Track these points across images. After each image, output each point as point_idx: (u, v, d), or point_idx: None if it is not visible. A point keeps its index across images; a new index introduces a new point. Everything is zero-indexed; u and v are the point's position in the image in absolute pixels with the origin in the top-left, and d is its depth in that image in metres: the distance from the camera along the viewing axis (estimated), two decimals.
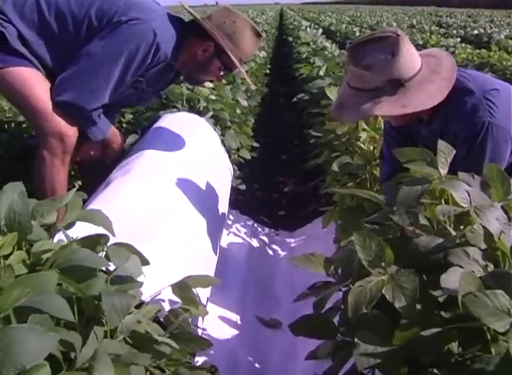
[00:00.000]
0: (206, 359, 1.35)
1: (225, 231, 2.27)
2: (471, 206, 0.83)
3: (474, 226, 0.79)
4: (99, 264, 0.76)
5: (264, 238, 2.52)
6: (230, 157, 2.27)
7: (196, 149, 1.84)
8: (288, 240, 2.52)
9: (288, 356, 1.57)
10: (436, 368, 0.69)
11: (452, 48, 6.94)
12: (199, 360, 1.27)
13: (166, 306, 1.02)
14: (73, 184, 1.95)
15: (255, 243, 2.43)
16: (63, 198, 0.89)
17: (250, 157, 2.52)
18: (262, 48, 5.89)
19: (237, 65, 1.72)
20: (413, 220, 0.84)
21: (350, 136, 2.11)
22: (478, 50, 6.60)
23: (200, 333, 1.21)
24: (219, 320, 1.69)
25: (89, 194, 1.46)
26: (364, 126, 2.06)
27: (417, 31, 11.84)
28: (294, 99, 3.59)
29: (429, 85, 1.27)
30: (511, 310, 0.65)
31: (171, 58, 1.69)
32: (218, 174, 1.91)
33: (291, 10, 30.62)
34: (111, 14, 1.58)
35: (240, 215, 2.67)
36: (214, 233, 1.56)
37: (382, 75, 1.25)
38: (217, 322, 1.67)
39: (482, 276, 0.73)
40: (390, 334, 0.73)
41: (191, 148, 1.80)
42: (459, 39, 9.08)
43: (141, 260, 0.85)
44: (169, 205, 1.41)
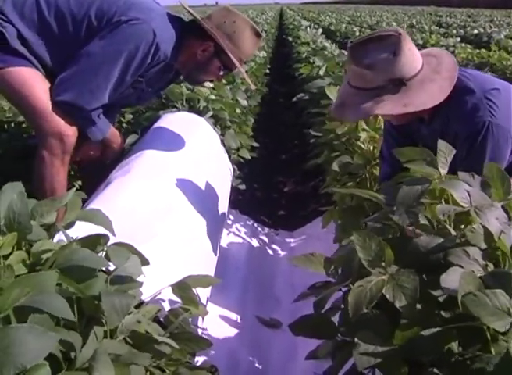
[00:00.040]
0: (206, 359, 1.35)
1: (225, 231, 2.27)
2: (471, 206, 0.83)
3: (474, 225, 0.79)
4: (99, 264, 0.76)
5: (264, 238, 2.52)
6: (230, 157, 2.27)
7: (196, 149, 1.84)
8: (288, 239, 2.52)
9: (288, 356, 1.57)
10: (436, 368, 0.69)
11: (452, 48, 6.94)
12: (199, 360, 1.27)
13: (166, 306, 1.02)
14: (73, 184, 1.95)
15: (255, 243, 2.43)
16: (63, 198, 0.89)
17: (249, 157, 2.52)
18: (262, 48, 5.89)
19: (237, 65, 1.72)
20: (413, 220, 0.84)
21: (350, 136, 2.11)
22: (478, 50, 6.60)
23: (200, 333, 1.21)
24: (219, 320, 1.69)
25: (89, 194, 1.46)
26: (364, 126, 2.06)
27: (416, 31, 11.84)
28: (294, 99, 3.59)
29: (431, 84, 1.27)
30: (511, 310, 0.65)
31: (171, 58, 1.69)
32: (218, 174, 1.91)
33: (291, 10, 30.62)
34: (110, 14, 1.58)
35: (240, 215, 2.67)
36: (214, 233, 1.56)
37: (384, 74, 1.25)
38: (217, 322, 1.67)
39: (482, 275, 0.73)
40: (390, 334, 0.73)
41: (191, 148, 1.80)
42: (459, 39, 9.08)
43: (141, 260, 0.85)
44: (169, 205, 1.41)
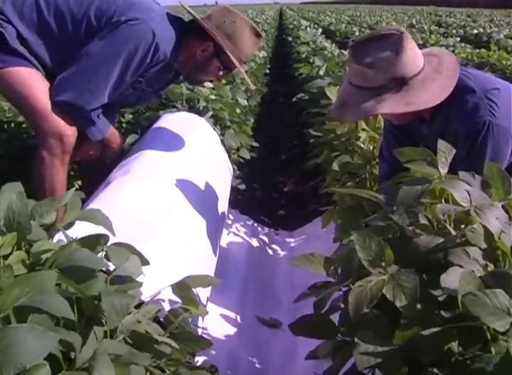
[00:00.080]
0: (206, 359, 1.35)
1: (225, 231, 2.26)
2: (471, 206, 0.83)
3: (474, 225, 0.79)
4: (98, 265, 0.75)
5: (264, 238, 2.52)
6: (230, 157, 2.27)
7: (196, 149, 1.84)
8: (288, 239, 2.52)
9: (288, 356, 1.57)
10: (436, 367, 0.69)
11: (451, 48, 6.94)
12: (199, 360, 1.27)
13: (166, 306, 1.02)
14: (73, 184, 1.95)
15: (255, 243, 2.42)
16: (62, 198, 0.89)
17: (249, 157, 2.52)
18: (262, 48, 5.88)
19: (237, 65, 1.72)
20: (413, 220, 0.84)
21: (350, 136, 2.11)
22: (478, 49, 6.60)
23: (200, 333, 1.21)
24: (219, 320, 1.69)
25: (89, 194, 1.46)
26: (364, 125, 2.06)
27: (416, 31, 11.83)
28: (294, 99, 3.58)
29: (432, 83, 1.27)
30: (511, 309, 0.65)
31: (170, 58, 1.69)
32: (217, 174, 1.91)
33: (290, 10, 30.62)
34: (110, 14, 1.58)
35: (240, 214, 2.67)
36: (214, 233, 1.56)
37: (386, 73, 1.24)
38: (217, 321, 1.67)
39: (482, 275, 0.73)
40: (390, 334, 0.73)
41: (191, 148, 1.79)
42: (458, 38, 9.09)
43: (141, 260, 0.85)
44: (169, 205, 1.41)
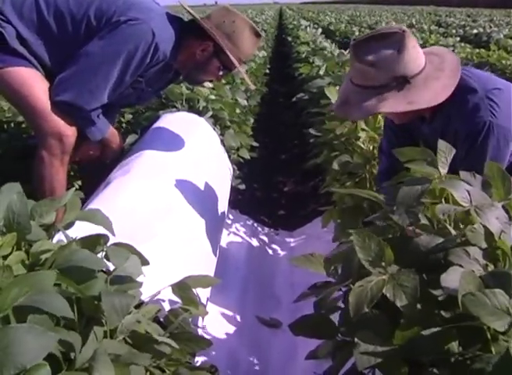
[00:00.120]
0: (206, 359, 1.35)
1: (225, 231, 2.26)
2: (472, 205, 0.83)
3: (474, 225, 0.79)
4: (98, 265, 0.75)
5: (263, 238, 2.52)
6: (230, 157, 2.27)
7: (195, 149, 1.84)
8: (288, 239, 2.52)
9: (288, 356, 1.57)
10: (436, 367, 0.69)
11: (451, 48, 6.93)
12: (199, 360, 1.27)
13: (166, 306, 1.02)
14: (73, 184, 1.95)
15: (255, 242, 2.42)
16: (62, 198, 0.89)
17: (249, 157, 2.52)
18: (262, 48, 5.88)
19: (236, 64, 1.72)
20: (413, 220, 0.84)
21: (350, 135, 2.11)
22: (478, 49, 6.60)
23: (200, 333, 1.21)
24: (219, 320, 1.69)
25: (88, 194, 1.46)
26: (363, 125, 2.06)
27: (416, 31, 11.83)
28: (294, 99, 3.58)
29: (434, 82, 1.26)
30: (510, 309, 0.65)
31: (170, 57, 1.68)
32: (217, 174, 1.91)
33: (290, 10, 30.61)
34: (110, 14, 1.58)
35: (240, 214, 2.67)
36: (214, 233, 1.56)
37: (388, 72, 1.24)
38: (217, 321, 1.67)
39: (482, 275, 0.73)
40: (390, 334, 0.73)
41: (191, 148, 1.79)
42: (458, 38, 9.08)
43: (141, 260, 0.85)
44: (169, 205, 1.41)
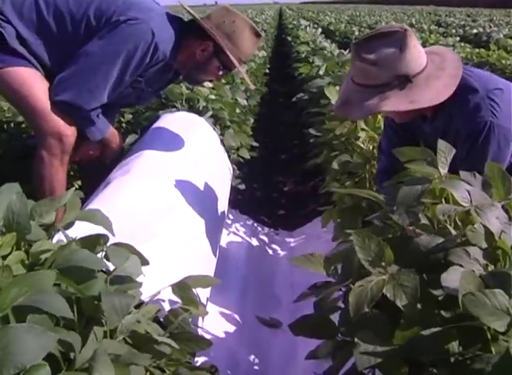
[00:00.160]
0: (206, 359, 1.35)
1: (224, 231, 2.26)
2: (472, 205, 0.83)
3: (474, 225, 0.79)
4: (98, 265, 0.75)
5: (263, 238, 2.52)
6: (230, 156, 2.27)
7: (195, 149, 1.84)
8: (288, 239, 2.52)
9: (288, 356, 1.57)
10: (436, 367, 0.69)
11: (451, 48, 6.93)
12: (199, 360, 1.27)
13: (166, 306, 1.02)
14: (72, 184, 1.95)
15: (255, 242, 2.42)
16: (62, 198, 0.89)
17: (249, 156, 2.52)
18: (261, 48, 5.88)
19: (236, 64, 1.72)
20: (413, 220, 0.84)
21: (349, 135, 2.11)
22: (477, 49, 6.60)
23: (200, 333, 1.21)
24: (219, 320, 1.69)
25: (88, 194, 1.46)
26: (363, 125, 2.06)
27: (416, 30, 11.83)
28: (294, 99, 3.58)
29: (436, 81, 1.26)
30: (510, 309, 0.65)
31: (170, 57, 1.68)
32: (217, 174, 1.91)
33: (290, 9, 30.60)
34: (109, 13, 1.58)
35: (240, 214, 2.67)
36: (214, 232, 1.56)
37: (389, 70, 1.24)
38: (217, 322, 1.67)
39: (482, 275, 0.73)
40: (390, 334, 0.73)
41: (191, 148, 1.79)
42: (458, 38, 9.07)
43: (141, 260, 0.85)
44: (169, 205, 1.41)
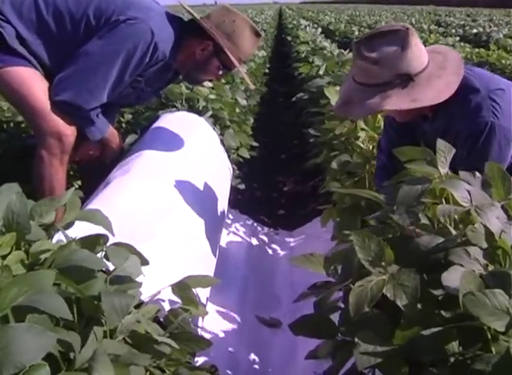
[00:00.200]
0: (206, 359, 1.35)
1: (224, 231, 2.26)
2: (472, 205, 0.82)
3: (475, 225, 0.79)
4: (98, 265, 0.75)
5: (263, 237, 2.52)
6: (229, 156, 2.27)
7: (195, 149, 1.84)
8: (287, 239, 2.52)
9: (288, 356, 1.57)
10: (436, 367, 0.69)
11: (451, 47, 6.92)
12: (199, 360, 1.27)
13: (166, 306, 1.02)
14: (72, 184, 1.94)
15: (255, 242, 2.42)
16: (62, 198, 0.89)
17: (249, 156, 2.52)
18: (261, 48, 5.88)
19: (236, 64, 1.72)
20: (413, 220, 0.84)
21: (349, 135, 2.11)
22: (477, 49, 6.60)
23: (200, 333, 1.21)
24: (219, 320, 1.69)
25: (88, 193, 1.46)
26: (363, 125, 2.06)
27: (416, 30, 11.79)
28: (293, 98, 3.58)
29: (438, 80, 1.26)
30: (510, 309, 0.65)
31: (169, 57, 1.68)
32: (217, 174, 1.91)
33: (290, 9, 30.60)
34: (109, 13, 1.57)
35: (240, 214, 2.67)
36: (213, 232, 1.56)
37: (391, 69, 1.23)
38: (217, 321, 1.67)
39: (483, 275, 0.73)
40: (390, 334, 0.73)
41: (190, 148, 1.79)
42: (458, 38, 9.07)
43: (141, 260, 0.85)
44: (169, 205, 1.41)
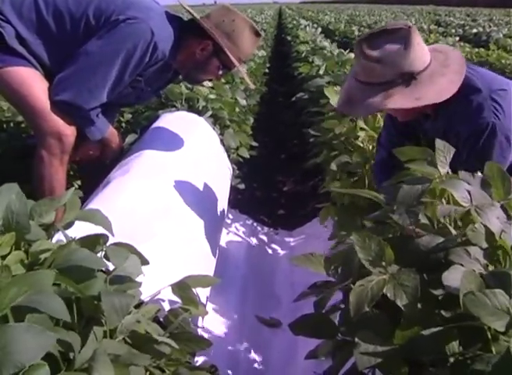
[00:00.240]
0: (206, 359, 1.35)
1: (224, 230, 2.26)
2: (472, 205, 0.82)
3: (475, 225, 0.79)
4: (98, 265, 0.75)
5: (263, 237, 2.52)
6: (229, 156, 2.27)
7: (195, 148, 1.84)
8: (287, 239, 2.52)
9: (288, 355, 1.57)
10: (437, 367, 0.69)
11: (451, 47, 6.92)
12: (199, 360, 1.27)
13: (166, 306, 1.02)
14: (72, 184, 1.94)
15: (254, 242, 2.42)
16: (61, 198, 0.89)
17: (249, 156, 2.51)
18: (261, 47, 5.88)
19: (236, 64, 1.72)
20: (413, 220, 0.84)
21: (349, 135, 2.11)
22: (477, 49, 6.61)
23: (200, 333, 1.21)
24: (219, 320, 1.69)
25: (88, 193, 1.46)
26: (363, 125, 2.06)
27: None
28: (293, 98, 3.58)
29: (440, 78, 1.26)
30: (511, 309, 0.65)
31: (169, 57, 1.68)
32: (217, 173, 1.91)
33: (290, 9, 30.60)
34: (108, 13, 1.57)
35: (240, 214, 2.67)
36: (213, 232, 1.56)
37: (394, 68, 1.23)
38: (217, 321, 1.67)
39: (483, 275, 0.73)
40: (391, 334, 0.73)
41: (190, 148, 1.79)
42: (458, 38, 9.08)
43: (141, 260, 0.85)
44: (169, 205, 1.41)
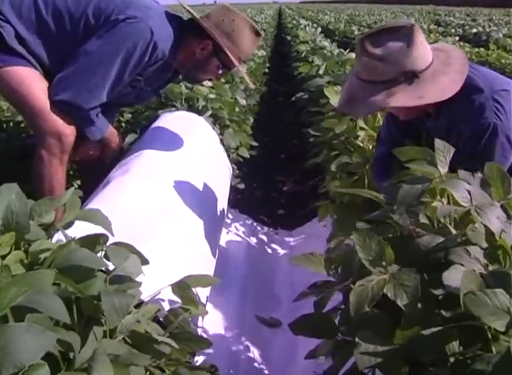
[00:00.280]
0: (206, 359, 1.35)
1: (224, 230, 2.26)
2: (472, 205, 0.82)
3: (475, 224, 0.79)
4: (98, 264, 0.75)
5: (263, 237, 2.52)
6: (229, 156, 2.27)
7: (195, 148, 1.84)
8: (287, 239, 2.52)
9: (288, 355, 1.57)
10: (437, 367, 0.69)
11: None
12: (199, 360, 1.27)
13: (166, 306, 1.02)
14: (72, 184, 1.94)
15: (254, 242, 2.42)
16: (61, 198, 0.89)
17: (249, 156, 2.51)
18: (261, 47, 5.88)
19: (236, 64, 1.72)
20: (413, 220, 0.84)
21: (349, 134, 2.11)
22: (477, 48, 6.61)
23: (200, 333, 1.21)
24: (219, 320, 1.69)
25: (88, 193, 1.46)
26: (363, 124, 2.06)
27: None
28: (293, 98, 3.57)
29: (443, 77, 1.26)
30: (511, 309, 0.65)
31: (169, 56, 1.68)
32: (217, 173, 1.91)
33: (289, 9, 30.59)
34: (108, 12, 1.57)
35: (239, 214, 2.67)
36: (213, 232, 1.56)
37: (396, 66, 1.23)
38: (217, 321, 1.67)
39: (483, 274, 0.73)
40: (391, 333, 0.73)
41: (190, 148, 1.79)
42: (457, 38, 9.07)
43: (141, 260, 0.85)
44: (168, 205, 1.41)
